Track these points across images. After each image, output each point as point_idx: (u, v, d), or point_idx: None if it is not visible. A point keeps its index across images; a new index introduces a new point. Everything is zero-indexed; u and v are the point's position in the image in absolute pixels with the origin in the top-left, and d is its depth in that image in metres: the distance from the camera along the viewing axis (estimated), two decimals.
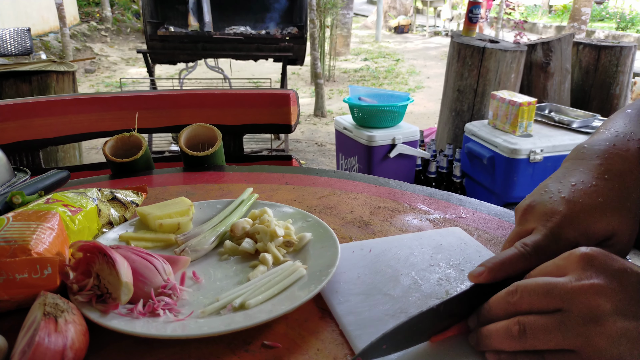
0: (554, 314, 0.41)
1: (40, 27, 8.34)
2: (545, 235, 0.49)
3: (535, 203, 0.53)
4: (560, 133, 2.53)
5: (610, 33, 10.54)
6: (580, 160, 0.55)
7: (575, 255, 0.43)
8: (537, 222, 0.51)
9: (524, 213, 0.53)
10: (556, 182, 0.54)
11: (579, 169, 0.54)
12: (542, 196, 0.53)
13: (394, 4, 12.99)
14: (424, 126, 4.81)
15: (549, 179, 0.55)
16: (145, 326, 0.51)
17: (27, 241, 0.55)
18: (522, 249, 0.49)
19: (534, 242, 0.49)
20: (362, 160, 2.70)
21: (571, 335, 0.40)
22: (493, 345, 0.44)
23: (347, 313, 0.54)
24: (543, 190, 0.54)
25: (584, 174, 0.53)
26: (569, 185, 0.52)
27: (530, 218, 0.52)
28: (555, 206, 0.51)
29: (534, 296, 0.42)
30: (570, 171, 0.54)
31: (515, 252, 0.49)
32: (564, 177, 0.54)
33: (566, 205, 0.50)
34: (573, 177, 0.53)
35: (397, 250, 0.68)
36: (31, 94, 2.73)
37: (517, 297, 0.43)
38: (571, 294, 0.41)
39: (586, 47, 3.60)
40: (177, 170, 1.04)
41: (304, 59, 4.21)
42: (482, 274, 0.48)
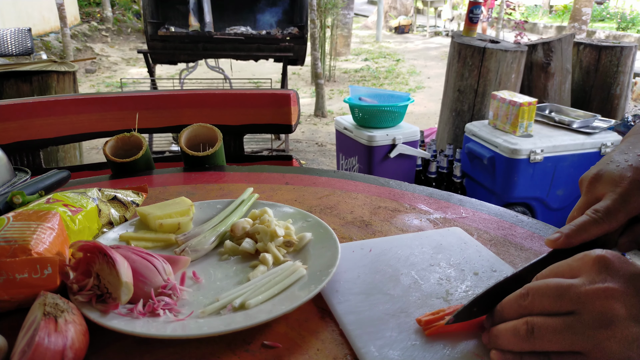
0: (564, 316, 0.41)
1: (41, 27, 8.34)
2: (614, 200, 0.50)
3: (602, 172, 0.53)
4: (560, 133, 2.53)
5: (611, 33, 10.53)
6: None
7: (590, 258, 0.43)
8: (606, 188, 0.52)
9: (591, 181, 0.54)
10: (621, 154, 0.54)
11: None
12: (609, 165, 0.53)
13: (394, 4, 12.99)
14: (424, 126, 4.80)
15: (613, 152, 0.56)
16: (145, 326, 0.51)
17: (27, 241, 0.55)
18: (595, 215, 0.50)
19: (604, 207, 0.50)
20: (362, 160, 2.70)
21: (580, 338, 0.40)
22: (501, 344, 0.45)
23: (347, 312, 0.54)
24: (609, 161, 0.54)
25: None
26: (635, 155, 0.53)
27: (598, 186, 0.53)
28: (624, 172, 0.51)
29: (546, 298, 0.43)
30: (635, 143, 0.55)
31: (587, 219, 0.50)
32: (629, 150, 0.55)
33: (634, 172, 0.51)
34: (638, 148, 0.54)
35: (398, 250, 0.68)
36: (32, 94, 2.73)
37: (528, 300, 0.44)
38: (584, 297, 0.41)
39: (587, 48, 3.60)
40: (178, 170, 1.04)
41: (305, 59, 4.21)
42: (559, 238, 0.50)
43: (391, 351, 0.48)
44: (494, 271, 0.63)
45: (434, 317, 0.51)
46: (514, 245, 0.72)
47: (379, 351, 0.48)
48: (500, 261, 0.65)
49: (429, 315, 0.52)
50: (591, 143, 2.44)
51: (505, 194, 2.50)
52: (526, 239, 0.73)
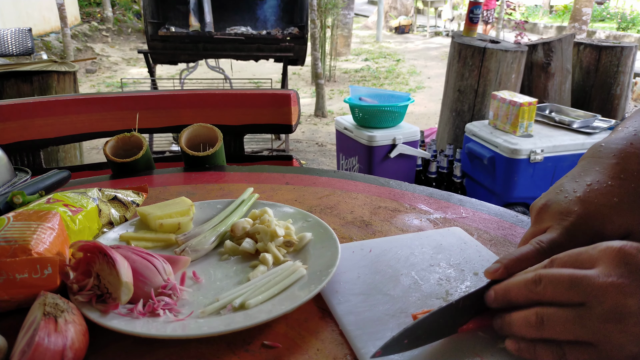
0: (575, 307, 0.41)
1: (41, 27, 8.34)
2: (560, 233, 0.50)
3: (550, 202, 0.53)
4: (560, 133, 2.53)
5: (611, 33, 10.53)
6: (596, 159, 0.55)
7: (611, 249, 0.42)
8: (553, 220, 0.51)
9: (539, 212, 0.53)
10: (572, 182, 0.54)
11: (594, 168, 0.54)
12: (558, 195, 0.53)
13: (394, 4, 12.99)
14: (424, 126, 4.81)
15: (565, 177, 0.55)
16: (145, 326, 0.51)
17: (27, 241, 0.55)
18: (538, 246, 0.49)
19: (549, 239, 0.49)
20: (362, 160, 2.70)
21: (589, 331, 0.40)
22: (514, 332, 0.45)
23: (347, 313, 0.54)
24: (559, 190, 0.54)
25: (599, 174, 0.52)
26: (585, 185, 0.52)
27: (545, 217, 0.52)
28: (571, 206, 0.51)
29: (558, 288, 0.42)
30: (586, 170, 0.54)
31: (531, 249, 0.49)
32: (580, 177, 0.54)
33: (581, 205, 0.50)
34: (589, 176, 0.53)
35: (397, 250, 0.68)
36: (32, 94, 2.73)
37: (540, 287, 0.43)
38: (597, 290, 0.40)
39: (587, 48, 3.60)
40: (178, 170, 1.04)
41: (305, 59, 4.21)
42: (498, 269, 0.49)
43: None
44: None
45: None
46: (514, 245, 0.72)
47: None
48: None
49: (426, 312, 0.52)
50: (591, 143, 2.42)
51: (506, 194, 2.50)
52: None
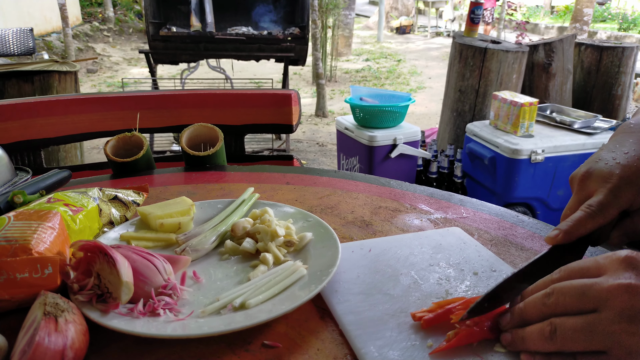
0: (586, 314, 0.42)
1: (42, 27, 8.35)
2: (606, 195, 0.52)
3: (592, 169, 0.55)
4: (561, 134, 2.53)
5: (612, 34, 10.51)
6: (629, 134, 0.58)
7: (618, 257, 0.43)
8: (597, 185, 0.54)
9: (582, 179, 0.55)
10: (609, 152, 0.56)
11: (629, 140, 0.57)
12: (598, 163, 0.55)
13: (395, 4, 12.98)
14: (425, 126, 4.80)
15: (600, 150, 0.58)
16: (145, 326, 0.51)
17: (28, 240, 0.55)
18: (589, 210, 0.52)
19: (597, 202, 0.52)
20: (363, 160, 2.70)
21: (600, 336, 0.40)
22: (528, 347, 0.46)
23: (346, 312, 0.54)
24: (597, 159, 0.56)
25: (634, 144, 0.56)
26: (622, 153, 0.55)
27: (589, 183, 0.55)
28: (612, 169, 0.53)
29: (569, 298, 0.43)
30: (621, 142, 0.57)
31: (583, 214, 0.52)
32: (616, 148, 0.57)
33: (622, 169, 0.53)
34: (624, 147, 0.56)
35: (397, 250, 0.68)
36: (33, 93, 2.73)
37: (552, 299, 0.44)
38: (606, 294, 0.41)
39: (588, 48, 3.59)
40: (179, 170, 1.04)
41: (306, 59, 4.21)
42: (558, 235, 0.52)
43: (391, 351, 0.48)
44: (493, 271, 0.63)
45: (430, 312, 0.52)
46: (514, 245, 0.72)
47: (378, 351, 0.48)
48: (500, 261, 0.66)
49: (425, 311, 0.52)
50: (592, 143, 2.44)
51: (506, 194, 2.50)
52: (527, 239, 0.73)
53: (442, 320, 0.51)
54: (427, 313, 0.52)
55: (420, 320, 0.52)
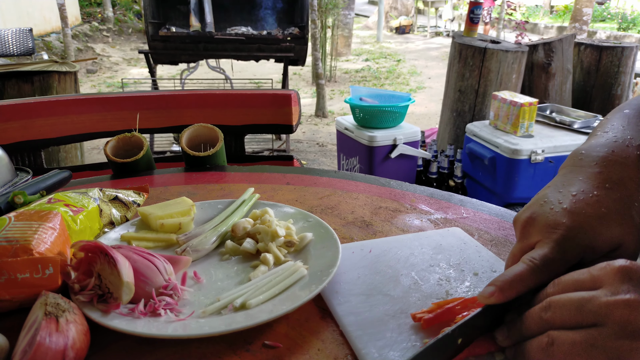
0: (586, 329, 0.40)
1: (42, 28, 8.35)
2: (551, 248, 0.47)
3: (536, 215, 0.51)
4: (561, 134, 2.53)
5: (612, 33, 10.52)
6: (578, 168, 0.53)
7: (613, 268, 0.41)
8: (541, 234, 0.49)
9: (524, 226, 0.51)
10: (555, 192, 0.52)
11: (578, 177, 0.52)
12: (543, 207, 0.51)
13: (395, 4, 12.99)
14: (425, 127, 4.80)
15: (547, 187, 0.54)
16: (146, 326, 0.51)
17: (28, 241, 0.55)
18: (531, 264, 0.47)
19: (541, 255, 0.47)
20: (363, 160, 2.70)
21: (600, 352, 0.39)
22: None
23: (347, 313, 0.54)
24: (542, 201, 0.52)
25: (583, 183, 0.51)
26: (570, 195, 0.50)
27: (532, 231, 0.50)
28: (558, 218, 0.49)
29: (567, 311, 0.41)
30: (570, 180, 0.53)
31: (524, 268, 0.46)
32: (563, 187, 0.52)
33: (569, 217, 0.48)
34: (573, 186, 0.51)
35: (397, 250, 0.68)
36: (33, 94, 2.73)
37: (550, 313, 0.42)
38: (605, 309, 0.39)
39: (587, 48, 3.59)
40: (179, 170, 1.04)
41: (305, 59, 4.21)
42: (493, 294, 0.46)
43: (391, 352, 0.48)
44: (493, 271, 0.63)
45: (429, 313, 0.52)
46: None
47: (379, 352, 0.48)
48: (500, 261, 0.65)
49: (424, 311, 0.53)
50: None
51: (506, 195, 2.50)
52: None
53: (442, 320, 0.51)
54: (426, 314, 0.52)
55: (420, 320, 0.52)
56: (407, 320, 0.53)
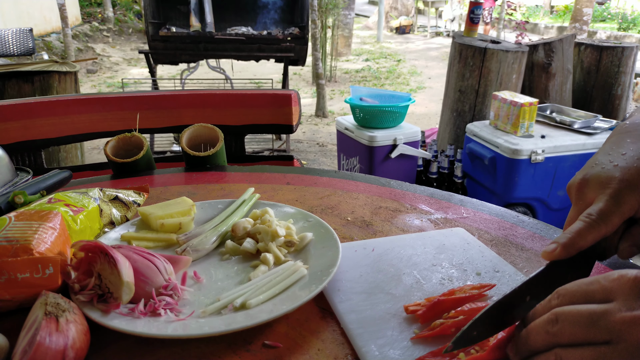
0: (597, 346, 0.38)
1: (42, 28, 8.35)
2: (606, 201, 0.48)
3: (588, 175, 0.51)
4: (561, 134, 2.53)
5: (612, 34, 10.51)
6: (625, 134, 0.55)
7: (627, 279, 0.39)
8: (596, 192, 0.50)
9: (579, 187, 0.52)
10: (605, 155, 0.53)
11: (626, 140, 0.53)
12: (594, 168, 0.51)
13: (395, 4, 12.99)
14: (425, 127, 4.80)
15: (597, 154, 0.54)
16: (146, 326, 0.51)
17: (29, 241, 0.55)
18: (589, 219, 0.47)
19: (597, 210, 0.47)
20: (363, 160, 2.70)
21: None
22: None
23: (348, 311, 0.54)
24: (593, 164, 0.52)
25: (632, 144, 0.52)
26: (620, 155, 0.51)
27: (587, 191, 0.51)
28: (611, 174, 0.49)
29: (577, 326, 0.38)
30: (618, 144, 0.54)
31: (582, 224, 0.47)
32: (612, 150, 0.53)
33: (621, 172, 0.49)
34: (622, 148, 0.52)
35: (400, 249, 0.68)
36: (33, 94, 2.74)
37: (557, 327, 0.39)
38: (620, 325, 0.37)
39: (588, 48, 3.59)
40: (179, 170, 1.04)
41: (306, 59, 4.21)
42: (555, 249, 0.47)
43: (392, 350, 0.48)
44: (496, 272, 0.63)
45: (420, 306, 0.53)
46: (515, 245, 0.72)
47: (379, 350, 0.48)
48: (503, 262, 0.65)
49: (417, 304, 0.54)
50: (592, 143, 2.44)
51: (506, 195, 2.50)
52: (527, 239, 0.73)
53: (437, 312, 0.52)
54: (419, 307, 0.53)
55: (413, 313, 0.53)
56: (408, 319, 0.53)
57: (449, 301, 0.53)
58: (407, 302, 0.56)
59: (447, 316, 0.51)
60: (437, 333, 0.50)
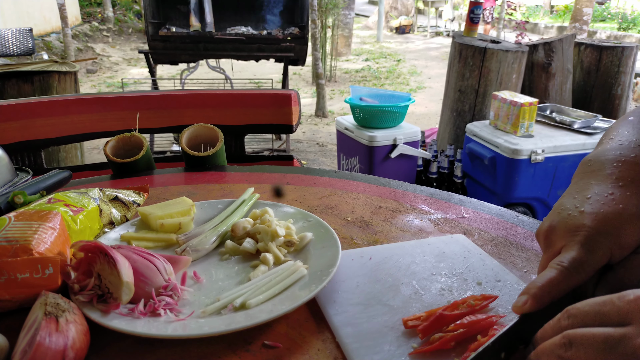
0: None
1: (42, 28, 8.34)
2: (578, 249, 0.46)
3: (555, 223, 0.50)
4: (561, 133, 2.53)
5: (612, 33, 10.51)
6: (589, 174, 0.53)
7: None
8: (564, 240, 0.48)
9: (546, 236, 0.50)
10: (570, 199, 0.51)
11: (590, 182, 0.52)
12: (561, 214, 0.50)
13: (395, 4, 12.98)
14: (425, 126, 4.80)
15: (562, 197, 0.53)
16: (146, 326, 0.51)
17: (28, 241, 0.55)
18: (560, 267, 0.45)
19: (569, 258, 0.45)
20: (363, 160, 2.70)
21: None
22: None
23: (344, 324, 0.53)
24: (560, 209, 0.51)
25: (597, 186, 0.51)
26: (585, 199, 0.50)
27: (555, 239, 0.49)
28: (578, 221, 0.48)
29: (592, 351, 0.36)
30: (582, 186, 0.52)
31: (554, 273, 0.45)
32: (578, 193, 0.51)
33: (588, 218, 0.47)
34: (587, 191, 0.51)
35: (399, 258, 0.66)
36: (33, 94, 2.73)
37: (571, 352, 0.37)
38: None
39: (588, 48, 3.59)
40: (179, 170, 1.04)
41: (306, 59, 4.21)
42: (526, 302, 0.44)
43: None
44: (497, 281, 0.61)
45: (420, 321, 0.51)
46: (514, 245, 0.72)
47: None
48: (505, 270, 0.63)
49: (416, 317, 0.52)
50: (592, 143, 2.44)
51: (506, 194, 2.50)
52: (527, 239, 0.73)
53: (437, 327, 0.50)
54: (419, 321, 0.51)
55: (412, 328, 0.51)
56: (406, 332, 0.51)
57: (451, 316, 0.51)
58: (405, 314, 0.54)
59: (446, 329, 0.50)
60: (436, 347, 0.48)
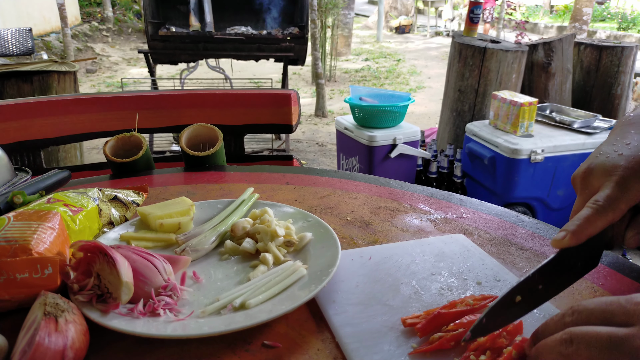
0: None
1: (41, 27, 8.34)
2: (613, 188, 0.48)
3: (593, 165, 0.52)
4: (561, 133, 2.53)
5: (612, 33, 10.52)
6: (629, 125, 0.55)
7: None
8: (601, 180, 0.50)
9: (584, 177, 0.52)
10: (610, 145, 0.53)
11: (630, 130, 0.54)
12: (598, 158, 0.52)
13: (395, 4, 12.99)
14: (424, 126, 4.80)
15: (601, 145, 0.55)
16: (145, 326, 0.51)
17: (28, 241, 0.55)
18: (596, 205, 0.47)
19: (604, 196, 0.48)
20: (363, 160, 2.70)
21: None
22: None
23: (344, 324, 0.53)
24: (598, 154, 0.53)
25: (636, 134, 0.53)
26: (624, 145, 0.52)
27: (592, 179, 0.51)
28: (616, 162, 0.50)
29: (595, 350, 0.36)
30: (622, 134, 0.54)
31: (590, 211, 0.47)
32: (616, 140, 0.53)
33: (626, 160, 0.49)
34: (626, 138, 0.53)
35: (398, 257, 0.66)
36: (32, 94, 2.74)
37: (572, 349, 0.37)
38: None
39: (587, 48, 3.59)
40: (178, 170, 1.04)
41: (305, 59, 4.21)
42: (565, 237, 0.47)
43: None
44: (497, 280, 0.61)
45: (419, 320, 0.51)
46: (514, 245, 0.72)
47: None
48: (504, 269, 0.63)
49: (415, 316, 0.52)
50: (592, 143, 2.44)
51: (506, 194, 2.50)
52: (527, 239, 0.73)
53: (437, 325, 0.50)
54: (417, 319, 0.51)
55: (410, 326, 0.51)
56: (406, 332, 0.51)
57: (449, 314, 0.51)
58: (404, 313, 0.54)
59: (446, 329, 0.50)
60: (435, 347, 0.48)
